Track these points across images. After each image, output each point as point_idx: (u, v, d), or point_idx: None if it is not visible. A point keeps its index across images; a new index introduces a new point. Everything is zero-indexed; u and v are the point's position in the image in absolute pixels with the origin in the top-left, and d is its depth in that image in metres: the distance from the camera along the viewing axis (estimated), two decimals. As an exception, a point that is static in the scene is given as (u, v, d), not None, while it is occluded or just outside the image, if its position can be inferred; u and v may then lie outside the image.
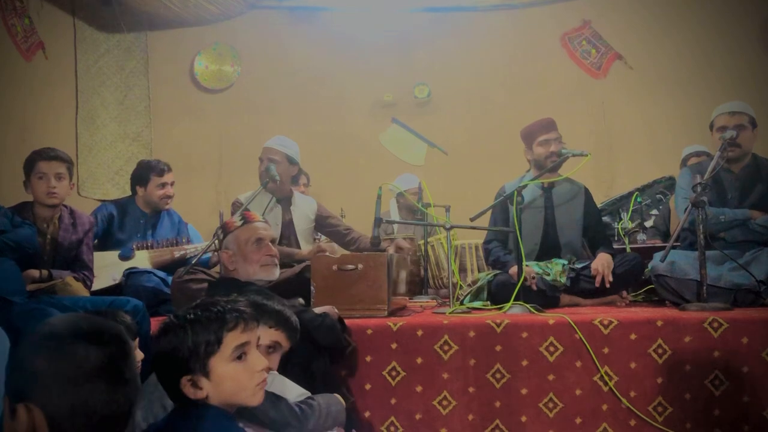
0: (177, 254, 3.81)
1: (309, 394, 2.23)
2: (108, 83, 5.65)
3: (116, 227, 3.91)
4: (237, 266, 2.75)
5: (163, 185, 3.96)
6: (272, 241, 2.83)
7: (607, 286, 3.41)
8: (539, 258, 3.62)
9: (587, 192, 3.78)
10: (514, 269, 3.33)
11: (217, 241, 3.33)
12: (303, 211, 3.94)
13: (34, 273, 3.09)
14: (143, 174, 3.98)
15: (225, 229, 2.85)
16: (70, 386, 1.13)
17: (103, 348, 1.17)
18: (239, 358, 1.56)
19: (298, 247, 3.87)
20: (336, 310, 2.78)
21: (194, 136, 5.78)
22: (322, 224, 4.03)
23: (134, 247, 3.80)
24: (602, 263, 3.44)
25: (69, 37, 5.48)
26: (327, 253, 3.40)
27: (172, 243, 3.88)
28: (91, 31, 5.58)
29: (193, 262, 3.40)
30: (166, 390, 1.59)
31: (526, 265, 3.33)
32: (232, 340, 1.55)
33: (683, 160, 4.71)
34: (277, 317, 2.17)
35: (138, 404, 1.26)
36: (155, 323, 3.02)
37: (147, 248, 3.82)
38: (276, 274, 2.81)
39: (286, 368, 2.26)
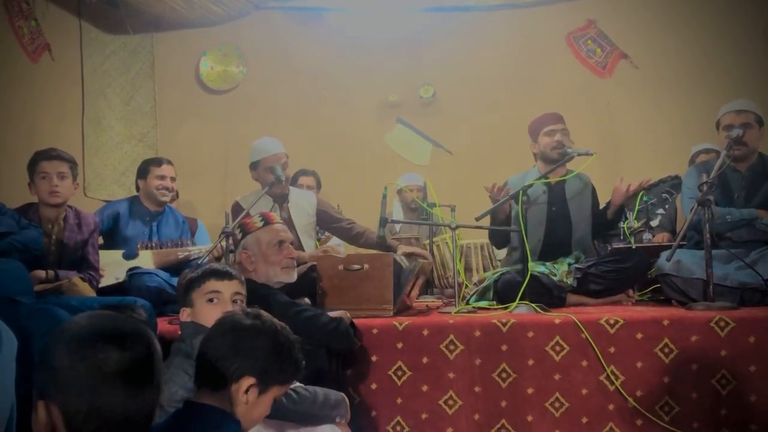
0: (181, 255, 3.81)
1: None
2: (114, 84, 5.66)
3: (123, 225, 3.93)
4: (256, 267, 2.74)
5: (162, 177, 4.02)
6: (291, 243, 2.84)
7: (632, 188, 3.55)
8: (543, 254, 3.61)
9: (592, 185, 3.79)
10: None
11: (223, 243, 3.34)
12: (302, 207, 3.85)
13: (41, 274, 3.10)
14: (144, 167, 4.10)
15: (244, 229, 2.85)
16: (87, 388, 1.13)
17: (126, 351, 1.16)
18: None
19: (300, 243, 3.83)
20: (349, 315, 2.78)
21: (200, 136, 5.79)
22: (324, 219, 3.91)
23: (139, 246, 3.82)
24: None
25: (75, 39, 5.49)
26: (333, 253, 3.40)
27: (176, 244, 3.90)
28: (98, 33, 5.59)
29: (198, 263, 3.40)
30: (209, 369, 1.53)
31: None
32: (282, 389, 1.63)
33: (692, 158, 4.69)
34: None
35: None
36: (162, 324, 3.04)
37: (151, 248, 3.83)
38: (295, 276, 2.82)
39: None
